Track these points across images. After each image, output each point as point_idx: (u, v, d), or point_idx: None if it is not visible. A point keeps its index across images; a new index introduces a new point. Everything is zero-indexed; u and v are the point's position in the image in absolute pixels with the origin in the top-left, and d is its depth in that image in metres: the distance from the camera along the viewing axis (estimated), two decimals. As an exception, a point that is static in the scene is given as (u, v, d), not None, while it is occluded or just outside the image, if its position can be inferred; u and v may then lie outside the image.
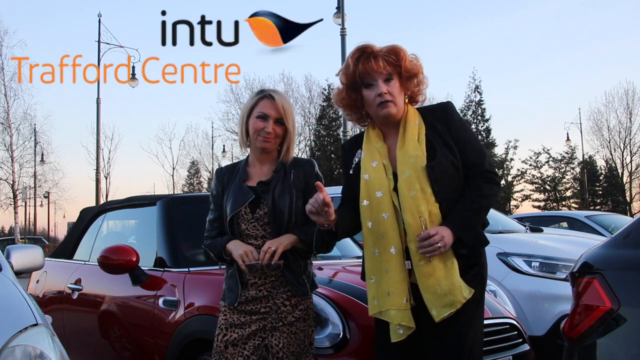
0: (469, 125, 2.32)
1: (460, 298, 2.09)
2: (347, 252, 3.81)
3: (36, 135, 27.86)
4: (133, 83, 18.85)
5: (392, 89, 2.20)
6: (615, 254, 2.04)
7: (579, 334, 1.99)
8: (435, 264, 2.10)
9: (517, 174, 37.93)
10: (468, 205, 2.14)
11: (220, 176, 2.50)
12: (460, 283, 2.10)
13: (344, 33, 12.74)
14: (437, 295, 2.09)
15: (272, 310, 2.32)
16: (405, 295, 2.13)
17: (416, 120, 2.22)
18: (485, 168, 2.19)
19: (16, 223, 25.05)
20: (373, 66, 2.18)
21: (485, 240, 2.22)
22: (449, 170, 2.15)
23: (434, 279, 2.10)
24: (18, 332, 1.90)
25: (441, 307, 2.09)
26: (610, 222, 8.66)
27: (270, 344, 2.30)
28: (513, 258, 4.67)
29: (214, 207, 2.49)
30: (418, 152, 2.15)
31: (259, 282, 2.33)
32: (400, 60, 2.21)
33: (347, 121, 12.58)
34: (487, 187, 2.16)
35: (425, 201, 2.11)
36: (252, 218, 2.36)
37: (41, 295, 4.44)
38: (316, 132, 39.16)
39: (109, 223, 4.43)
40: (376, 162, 2.22)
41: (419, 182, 2.11)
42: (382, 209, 2.17)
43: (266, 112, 2.38)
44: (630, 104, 36.16)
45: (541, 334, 4.28)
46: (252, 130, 2.40)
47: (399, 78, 2.22)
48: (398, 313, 2.14)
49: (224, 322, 2.35)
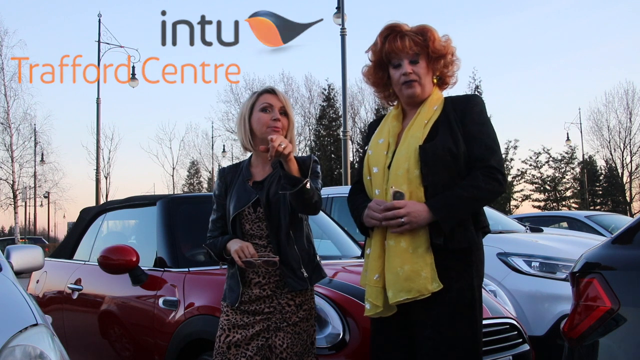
0: (489, 122, 2.20)
1: (421, 288, 2.01)
2: (347, 252, 3.81)
3: (36, 135, 27.89)
4: (133, 83, 18.86)
5: (418, 70, 2.19)
6: (615, 254, 2.04)
7: (579, 334, 1.99)
8: (404, 246, 2.05)
9: (517, 174, 37.91)
10: (457, 191, 2.05)
11: (223, 176, 2.50)
12: (427, 273, 2.02)
13: (344, 33, 12.71)
14: (397, 277, 2.04)
15: (276, 310, 2.30)
16: (377, 272, 2.12)
17: (435, 106, 2.19)
18: (489, 163, 2.09)
19: (16, 223, 25.05)
20: (399, 45, 2.18)
21: (475, 239, 2.09)
22: (444, 157, 2.07)
23: (399, 261, 2.05)
24: (18, 332, 1.90)
25: (398, 290, 2.04)
26: (610, 222, 8.66)
27: (274, 344, 2.28)
28: (513, 258, 4.67)
29: (217, 207, 2.47)
30: (418, 134, 2.13)
31: (262, 281, 2.31)
32: (427, 40, 2.19)
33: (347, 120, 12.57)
34: (484, 180, 2.06)
35: (408, 181, 2.07)
36: (255, 218, 2.35)
37: (41, 295, 4.44)
38: (316, 132, 39.16)
39: (109, 223, 4.43)
40: (382, 139, 2.23)
41: (408, 161, 2.09)
42: (375, 185, 2.18)
43: (270, 102, 2.38)
44: (630, 104, 36.20)
45: (541, 334, 4.28)
46: (258, 124, 2.37)
47: (427, 58, 2.21)
48: (369, 288, 2.16)
49: (227, 322, 2.33)
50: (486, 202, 2.14)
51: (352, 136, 36.42)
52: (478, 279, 2.13)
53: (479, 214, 2.15)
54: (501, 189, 2.11)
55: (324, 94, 39.27)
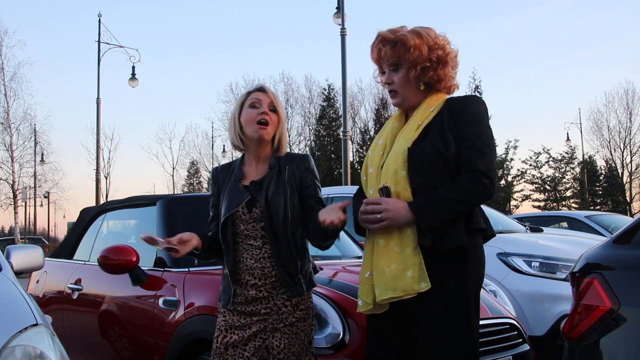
0: (484, 123, 2.13)
1: (406, 287, 2.00)
2: (347, 252, 3.81)
3: (36, 135, 27.90)
4: (133, 83, 18.90)
5: (395, 79, 2.20)
6: (615, 254, 2.04)
7: (579, 334, 1.99)
8: (391, 245, 2.06)
9: (517, 174, 37.92)
10: (440, 193, 2.02)
11: (216, 175, 2.49)
12: (414, 273, 2.00)
13: (344, 33, 12.73)
14: (383, 276, 2.05)
15: (272, 311, 2.29)
16: (369, 270, 2.14)
17: (432, 108, 2.16)
18: (476, 166, 2.03)
19: (16, 223, 25.05)
20: (375, 56, 2.23)
21: (461, 239, 2.03)
22: (431, 159, 2.05)
23: (386, 260, 2.06)
24: (18, 332, 1.90)
25: (384, 289, 2.04)
26: (610, 222, 8.65)
27: (271, 345, 2.27)
28: (513, 258, 4.67)
29: (211, 206, 2.47)
30: (409, 136, 2.13)
31: (258, 283, 2.30)
32: (407, 50, 2.16)
33: (347, 120, 12.58)
34: (469, 183, 2.02)
35: (396, 182, 2.08)
36: (250, 218, 2.32)
37: (41, 295, 4.44)
38: (316, 132, 39.18)
39: (109, 223, 4.43)
40: (382, 140, 2.24)
41: (396, 163, 2.09)
42: (370, 185, 2.20)
43: (259, 98, 2.37)
44: (630, 104, 36.26)
45: (541, 334, 4.28)
46: (246, 121, 2.36)
47: (407, 67, 2.18)
48: (361, 285, 2.18)
49: (224, 323, 2.33)
50: (471, 205, 2.07)
51: (352, 136, 36.47)
52: (475, 279, 2.10)
53: (472, 215, 2.10)
54: (486, 192, 2.04)
55: (324, 94, 39.29)
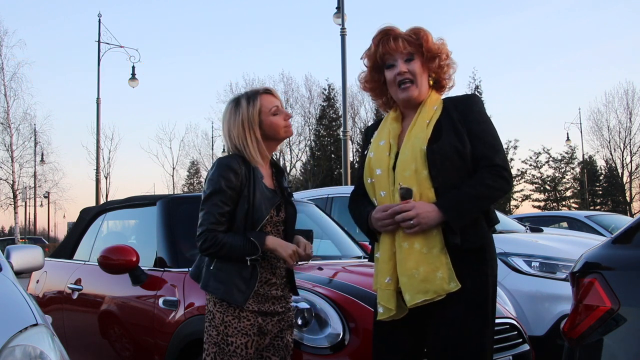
0: (489, 121, 2.19)
1: (438, 289, 1.99)
2: (347, 252, 3.81)
3: (36, 135, 27.89)
4: (133, 83, 18.90)
5: (413, 68, 2.19)
6: (615, 254, 2.04)
7: (579, 334, 1.98)
8: (418, 248, 2.03)
9: (517, 174, 37.93)
10: (465, 190, 2.04)
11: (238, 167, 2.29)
12: (444, 274, 2.00)
13: (344, 33, 12.71)
14: (413, 279, 2.01)
15: (286, 309, 2.38)
16: (388, 275, 2.09)
17: (434, 106, 2.18)
18: (495, 162, 2.08)
19: (16, 223, 25.05)
20: (393, 46, 2.18)
21: (485, 236, 2.09)
22: (452, 157, 2.06)
23: (413, 262, 2.02)
24: (18, 332, 1.90)
25: (415, 292, 2.01)
26: (610, 222, 8.65)
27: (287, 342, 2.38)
28: (513, 258, 4.67)
29: (226, 200, 2.25)
30: (422, 135, 2.11)
31: (277, 282, 2.35)
32: (421, 39, 2.18)
33: (347, 120, 12.58)
34: (491, 178, 2.05)
35: (418, 183, 2.06)
36: (276, 221, 2.36)
37: (41, 295, 4.44)
38: (316, 132, 39.18)
39: (109, 223, 4.43)
40: (383, 141, 2.21)
41: (415, 163, 2.07)
42: (380, 187, 2.16)
43: (276, 104, 2.37)
44: (630, 104, 36.24)
45: (541, 334, 4.28)
46: (273, 129, 2.34)
47: (421, 58, 2.20)
48: (380, 292, 2.12)
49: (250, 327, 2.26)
50: (494, 200, 2.11)
51: (352, 136, 36.42)
52: (493, 277, 2.12)
53: (489, 212, 2.15)
54: (508, 186, 2.11)
55: (324, 94, 39.31)
